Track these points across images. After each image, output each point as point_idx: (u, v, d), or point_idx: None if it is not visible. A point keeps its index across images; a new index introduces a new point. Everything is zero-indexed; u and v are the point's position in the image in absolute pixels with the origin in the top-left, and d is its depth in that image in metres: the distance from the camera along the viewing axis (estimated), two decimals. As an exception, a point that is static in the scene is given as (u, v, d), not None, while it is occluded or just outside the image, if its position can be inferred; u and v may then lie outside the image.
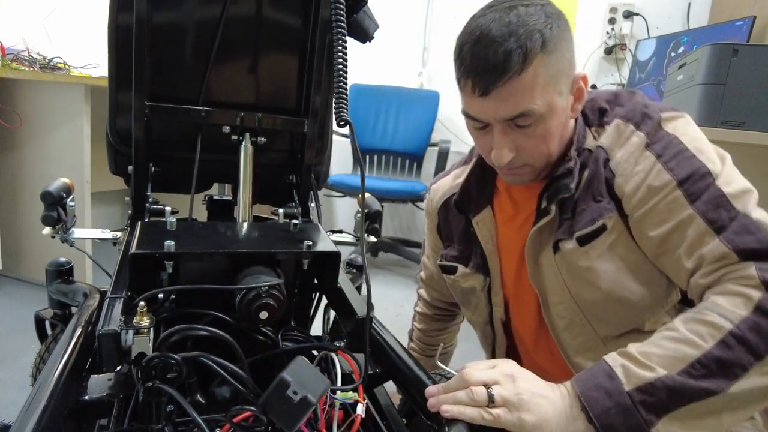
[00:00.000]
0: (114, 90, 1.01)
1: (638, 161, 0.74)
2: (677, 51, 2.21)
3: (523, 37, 0.68)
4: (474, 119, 0.76)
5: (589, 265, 0.77)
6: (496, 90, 0.70)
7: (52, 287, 1.07)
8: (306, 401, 0.53)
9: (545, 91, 0.71)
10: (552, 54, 0.70)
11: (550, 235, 0.81)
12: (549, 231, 0.81)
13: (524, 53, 0.68)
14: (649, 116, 0.75)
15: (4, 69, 1.96)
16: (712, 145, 0.74)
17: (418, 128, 3.09)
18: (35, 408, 0.52)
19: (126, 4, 0.94)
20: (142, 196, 1.00)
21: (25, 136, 2.10)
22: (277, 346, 0.77)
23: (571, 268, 0.79)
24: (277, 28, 1.05)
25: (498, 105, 0.71)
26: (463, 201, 0.95)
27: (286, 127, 1.09)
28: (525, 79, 0.69)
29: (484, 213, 0.92)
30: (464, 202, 0.95)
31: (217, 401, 0.71)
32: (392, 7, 3.09)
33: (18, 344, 1.65)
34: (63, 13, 2.47)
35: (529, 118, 0.72)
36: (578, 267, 0.78)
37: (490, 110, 0.73)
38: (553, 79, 0.71)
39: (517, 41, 0.68)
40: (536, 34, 0.69)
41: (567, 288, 0.80)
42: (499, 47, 0.68)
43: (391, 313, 2.19)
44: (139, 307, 0.62)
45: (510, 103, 0.71)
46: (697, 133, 0.74)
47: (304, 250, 0.80)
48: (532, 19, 0.69)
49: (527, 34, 0.68)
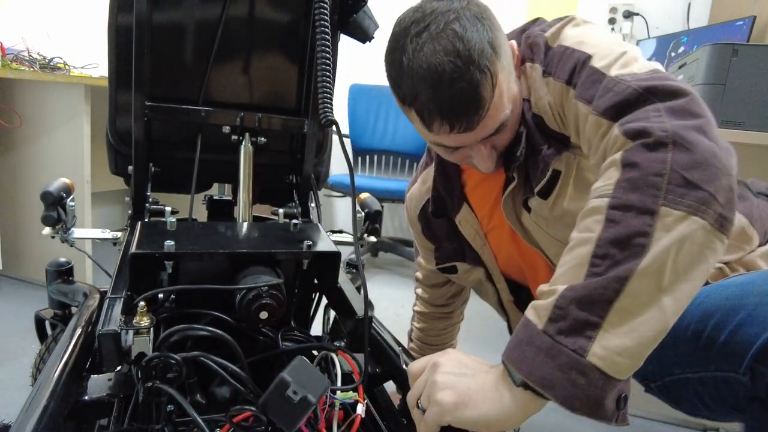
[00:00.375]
0: (114, 90, 1.01)
1: (544, 90, 0.71)
2: (677, 51, 2.21)
3: (479, 58, 0.63)
4: (450, 147, 0.74)
5: (562, 212, 0.75)
6: (479, 124, 0.68)
7: (52, 287, 1.07)
8: (306, 401, 0.53)
9: (509, 90, 0.69)
10: (501, 54, 0.67)
11: (518, 198, 0.81)
12: (518, 195, 0.81)
13: (491, 75, 0.65)
14: (536, 44, 0.73)
15: (4, 69, 1.96)
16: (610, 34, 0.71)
17: (418, 128, 3.08)
18: (35, 408, 0.52)
19: (126, 4, 0.94)
20: (142, 196, 1.00)
21: (25, 136, 2.10)
22: (277, 346, 0.77)
23: (548, 221, 0.78)
24: (277, 28, 1.05)
25: (480, 131, 0.69)
26: (438, 207, 0.94)
27: (286, 127, 1.09)
28: (498, 97, 0.67)
29: (463, 211, 0.91)
30: (440, 208, 0.94)
31: (217, 401, 0.71)
32: (392, 7, 3.08)
33: (18, 344, 1.65)
34: (63, 13, 2.46)
35: (505, 123, 0.71)
36: (553, 217, 0.76)
37: (471, 138, 0.70)
38: (510, 75, 0.70)
39: (478, 67, 0.63)
40: (486, 46, 0.64)
41: (556, 240, 0.79)
42: (464, 83, 0.64)
43: (391, 313, 2.19)
44: (139, 307, 0.62)
45: (491, 123, 0.69)
46: (583, 29, 0.71)
47: (304, 250, 0.80)
48: (472, 34, 0.64)
49: (480, 53, 0.64)
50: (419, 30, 0.65)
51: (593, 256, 0.51)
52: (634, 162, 0.52)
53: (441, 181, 0.93)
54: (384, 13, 1.21)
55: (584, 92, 0.64)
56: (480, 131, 0.69)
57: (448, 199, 0.93)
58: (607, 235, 0.51)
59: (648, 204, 0.50)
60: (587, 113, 0.62)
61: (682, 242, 0.49)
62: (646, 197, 0.50)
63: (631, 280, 0.48)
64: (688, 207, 0.49)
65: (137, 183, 1.00)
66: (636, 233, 0.49)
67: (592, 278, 0.50)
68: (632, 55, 0.63)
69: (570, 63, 0.67)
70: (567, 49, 0.69)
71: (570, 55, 0.68)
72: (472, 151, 0.74)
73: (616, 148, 0.56)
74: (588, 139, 0.63)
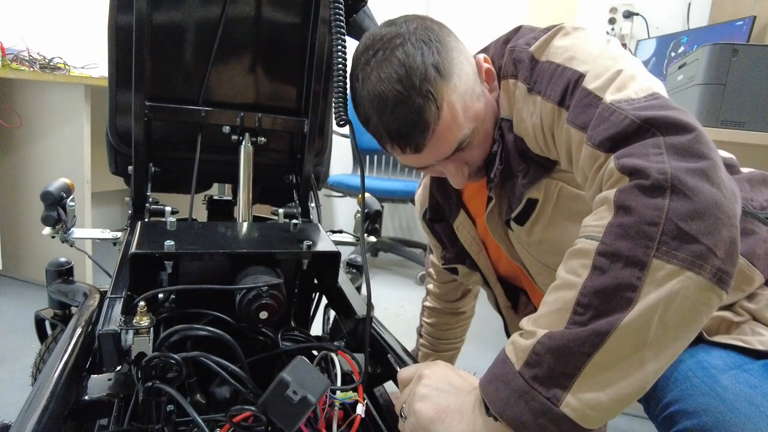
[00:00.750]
0: (114, 90, 1.01)
1: (528, 111, 0.67)
2: (677, 51, 2.22)
3: (420, 83, 0.64)
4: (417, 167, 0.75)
5: (539, 239, 0.74)
6: (427, 145, 0.67)
7: (52, 287, 1.07)
8: (306, 401, 0.53)
9: (466, 109, 0.68)
10: (452, 75, 0.66)
11: (500, 216, 0.80)
12: (498, 213, 0.80)
13: (434, 99, 0.64)
14: (519, 59, 0.69)
15: (4, 69, 1.96)
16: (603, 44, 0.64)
17: (418, 128, 3.08)
18: (35, 408, 0.52)
19: (126, 4, 0.94)
20: (142, 196, 1.00)
21: (25, 136, 2.10)
22: (277, 346, 0.77)
23: (529, 244, 0.77)
24: (276, 28, 1.05)
25: (434, 152, 0.69)
26: (436, 213, 0.94)
27: (286, 127, 1.09)
28: (446, 119, 0.66)
29: (460, 217, 0.91)
30: (437, 214, 0.94)
31: (217, 401, 0.71)
32: (392, 7, 3.08)
33: (18, 344, 1.65)
34: (63, 13, 2.47)
35: (465, 142, 0.70)
36: (532, 242, 0.76)
37: (429, 158, 0.71)
38: (466, 94, 0.68)
39: (419, 92, 0.64)
40: (430, 70, 0.64)
41: (537, 260, 0.79)
42: (406, 108, 0.64)
43: (391, 313, 2.19)
44: (139, 307, 0.62)
45: (444, 145, 0.68)
46: (572, 41, 0.65)
47: (304, 250, 0.80)
48: (415, 59, 0.64)
49: (422, 78, 0.64)
50: (368, 58, 0.67)
51: (576, 304, 0.49)
52: (628, 206, 0.48)
53: (437, 188, 0.92)
54: (384, 13, 1.21)
55: (577, 117, 0.59)
56: (434, 152, 0.69)
57: (445, 206, 0.92)
58: (592, 283, 0.48)
59: (639, 255, 0.47)
60: (581, 141, 0.59)
61: (672, 298, 0.46)
62: (637, 247, 0.47)
63: (612, 335, 0.46)
64: (682, 261, 0.46)
65: (137, 183, 1.00)
66: (623, 286, 0.47)
67: (573, 327, 0.48)
68: (629, 73, 0.59)
69: (561, 83, 0.63)
70: (558, 67, 0.64)
71: (561, 74, 0.63)
72: (442, 168, 0.73)
73: (611, 184, 0.52)
74: (583, 170, 0.59)
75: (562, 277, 0.52)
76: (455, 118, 0.67)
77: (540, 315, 0.52)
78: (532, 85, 0.67)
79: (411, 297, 2.41)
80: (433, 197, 0.94)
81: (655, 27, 2.68)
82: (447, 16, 3.08)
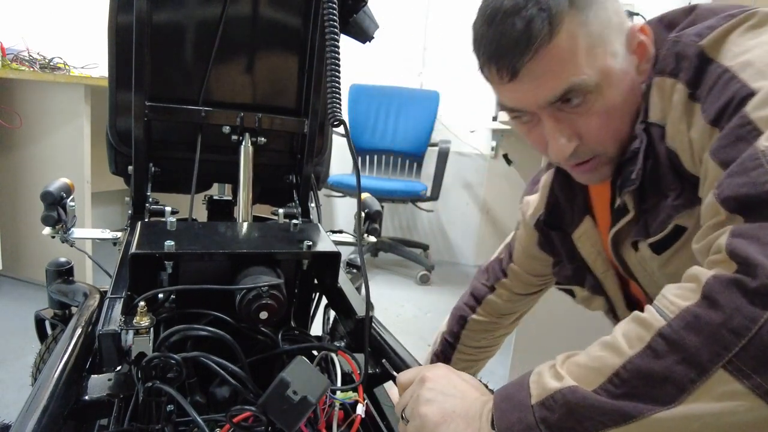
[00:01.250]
0: (114, 90, 1.01)
1: (687, 121, 0.55)
2: (677, 51, 2.21)
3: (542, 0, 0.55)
4: (514, 110, 0.63)
5: (675, 271, 0.61)
6: (525, 68, 0.56)
7: (52, 287, 1.07)
8: (306, 401, 0.53)
9: (592, 55, 0.56)
10: (586, 8, 0.56)
11: (628, 234, 0.67)
12: (627, 230, 0.67)
13: (548, 16, 0.55)
14: (684, 55, 0.56)
15: (4, 69, 1.96)
16: None
17: (418, 128, 3.09)
18: (35, 408, 0.52)
19: (126, 4, 0.94)
20: (142, 196, 1.00)
21: (25, 136, 2.10)
22: (277, 346, 0.77)
23: (658, 275, 0.65)
24: (276, 28, 1.05)
25: (534, 86, 0.58)
26: (553, 217, 0.78)
27: (286, 127, 1.09)
28: (559, 46, 0.55)
29: (584, 225, 0.75)
30: (556, 219, 0.78)
31: (217, 401, 0.71)
32: (392, 7, 3.09)
33: (18, 344, 1.65)
34: (63, 13, 2.47)
35: (579, 94, 0.57)
36: (664, 274, 0.64)
37: (527, 95, 0.59)
38: (599, 39, 0.57)
39: (536, 4, 0.55)
40: None
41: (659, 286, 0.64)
42: (515, 18, 0.55)
43: (391, 313, 2.19)
44: (139, 307, 0.62)
45: (549, 80, 0.57)
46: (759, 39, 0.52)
47: (304, 250, 0.80)
48: None
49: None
50: None
51: (614, 374, 0.44)
52: (717, 301, 0.41)
53: (561, 185, 0.77)
54: (384, 13, 1.21)
55: (721, 149, 0.49)
56: (534, 85, 0.58)
57: (567, 209, 0.77)
58: (639, 362, 0.43)
59: (703, 358, 0.40)
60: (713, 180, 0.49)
61: (722, 417, 0.40)
62: (705, 349, 0.40)
63: (637, 421, 0.42)
64: (755, 387, 0.39)
65: (137, 183, 1.00)
66: (671, 381, 0.41)
67: (601, 394, 0.44)
68: None
69: (723, 96, 0.50)
70: (725, 72, 0.51)
71: (726, 85, 0.51)
72: (545, 120, 0.61)
73: (712, 262, 0.45)
74: (703, 216, 0.51)
75: (615, 338, 0.47)
76: (573, 52, 0.56)
77: (576, 362, 0.48)
78: (695, 91, 0.55)
79: (411, 297, 2.41)
80: (553, 196, 0.78)
81: (655, 27, 2.68)
82: (447, 16, 3.08)
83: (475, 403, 0.54)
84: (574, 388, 0.45)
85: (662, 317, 0.44)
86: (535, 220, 0.83)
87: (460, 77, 3.09)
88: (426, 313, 2.21)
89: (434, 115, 3.06)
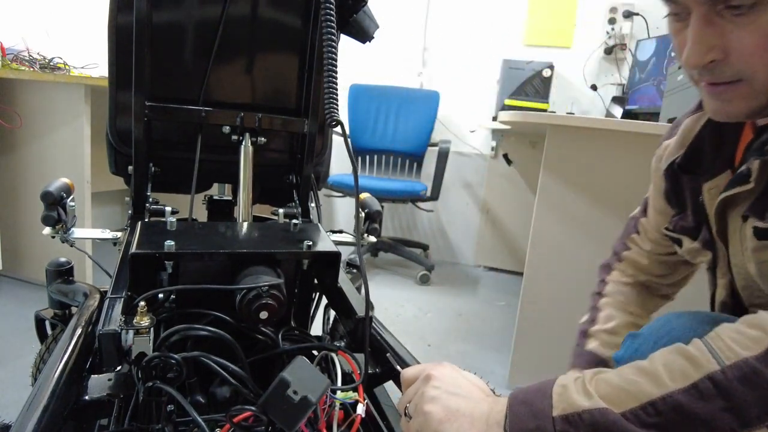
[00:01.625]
0: (114, 90, 1.01)
1: None
2: (677, 51, 2.21)
3: None
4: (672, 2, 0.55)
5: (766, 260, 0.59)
6: None
7: (52, 287, 1.07)
8: (306, 401, 0.53)
9: None
10: None
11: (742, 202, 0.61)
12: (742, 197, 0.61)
13: None
14: None
15: (4, 69, 1.96)
16: None
17: (418, 128, 3.09)
18: (35, 408, 0.52)
19: (126, 4, 0.94)
20: (142, 196, 1.00)
21: (25, 136, 2.10)
22: (277, 346, 0.77)
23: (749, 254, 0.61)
24: (276, 28, 1.05)
25: None
26: (691, 161, 0.71)
27: (286, 127, 1.09)
28: None
29: (720, 179, 0.67)
30: (692, 163, 0.71)
31: (217, 401, 0.71)
32: (392, 7, 3.09)
33: (18, 344, 1.65)
34: (63, 13, 2.47)
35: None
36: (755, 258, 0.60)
37: None
38: None
39: None
40: None
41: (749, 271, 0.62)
42: None
43: (391, 313, 2.19)
44: (139, 307, 0.62)
45: None
46: None
47: (304, 250, 0.80)
48: None
49: None
50: None
51: (650, 404, 0.44)
52: None
53: (711, 131, 0.70)
54: (384, 13, 1.21)
55: None
56: None
57: (709, 156, 0.69)
58: (681, 399, 0.42)
59: (752, 413, 0.40)
60: None
61: None
62: (756, 405, 0.40)
63: None
64: None
65: (137, 183, 1.00)
66: (712, 427, 0.41)
67: (632, 420, 0.44)
68: None
69: None
70: None
71: None
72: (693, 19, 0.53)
73: None
74: None
75: (654, 366, 0.46)
76: None
77: (607, 381, 0.48)
78: None
79: (411, 297, 2.41)
80: (699, 139, 0.71)
81: (655, 27, 2.68)
82: (447, 16, 3.08)
83: (481, 404, 0.54)
84: (604, 410, 0.45)
85: (716, 360, 0.43)
86: (668, 164, 0.77)
87: (460, 77, 3.09)
88: (426, 313, 2.21)
89: (434, 115, 3.06)
